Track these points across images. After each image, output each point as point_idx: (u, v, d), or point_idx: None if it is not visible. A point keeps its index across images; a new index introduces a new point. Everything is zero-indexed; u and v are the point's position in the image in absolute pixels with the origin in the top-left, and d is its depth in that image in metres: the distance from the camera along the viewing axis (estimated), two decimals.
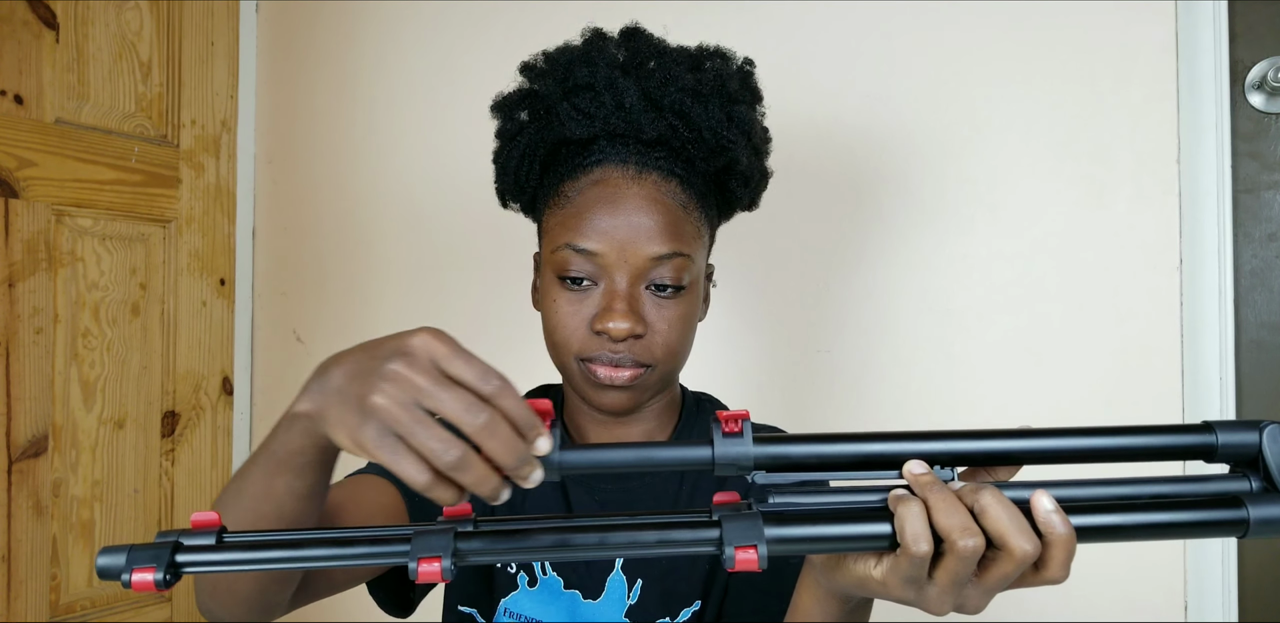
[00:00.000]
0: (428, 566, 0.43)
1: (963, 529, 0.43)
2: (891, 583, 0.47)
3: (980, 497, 0.45)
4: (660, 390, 0.77)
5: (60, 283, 1.26)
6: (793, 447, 0.47)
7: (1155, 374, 1.08)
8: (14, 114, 1.20)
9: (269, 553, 0.45)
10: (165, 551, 0.45)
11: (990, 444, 0.48)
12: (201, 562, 0.45)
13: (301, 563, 0.45)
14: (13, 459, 1.19)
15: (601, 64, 0.71)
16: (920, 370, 1.18)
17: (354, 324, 1.50)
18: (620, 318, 0.68)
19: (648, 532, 0.46)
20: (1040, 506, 0.45)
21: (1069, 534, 0.44)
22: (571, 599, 0.76)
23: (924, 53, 1.17)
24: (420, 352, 0.45)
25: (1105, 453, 0.48)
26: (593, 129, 0.71)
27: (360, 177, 1.49)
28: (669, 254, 0.69)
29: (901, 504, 0.45)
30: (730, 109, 0.72)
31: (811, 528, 0.46)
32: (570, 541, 0.46)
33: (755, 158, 0.77)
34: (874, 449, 0.48)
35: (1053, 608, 1.11)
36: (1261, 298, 1.09)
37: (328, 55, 1.52)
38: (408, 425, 0.43)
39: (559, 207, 0.73)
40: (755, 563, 0.44)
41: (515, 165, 0.76)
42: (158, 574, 0.43)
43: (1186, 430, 0.48)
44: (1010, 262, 1.14)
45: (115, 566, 0.44)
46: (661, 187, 0.71)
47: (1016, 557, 0.43)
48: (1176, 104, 1.08)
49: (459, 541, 0.45)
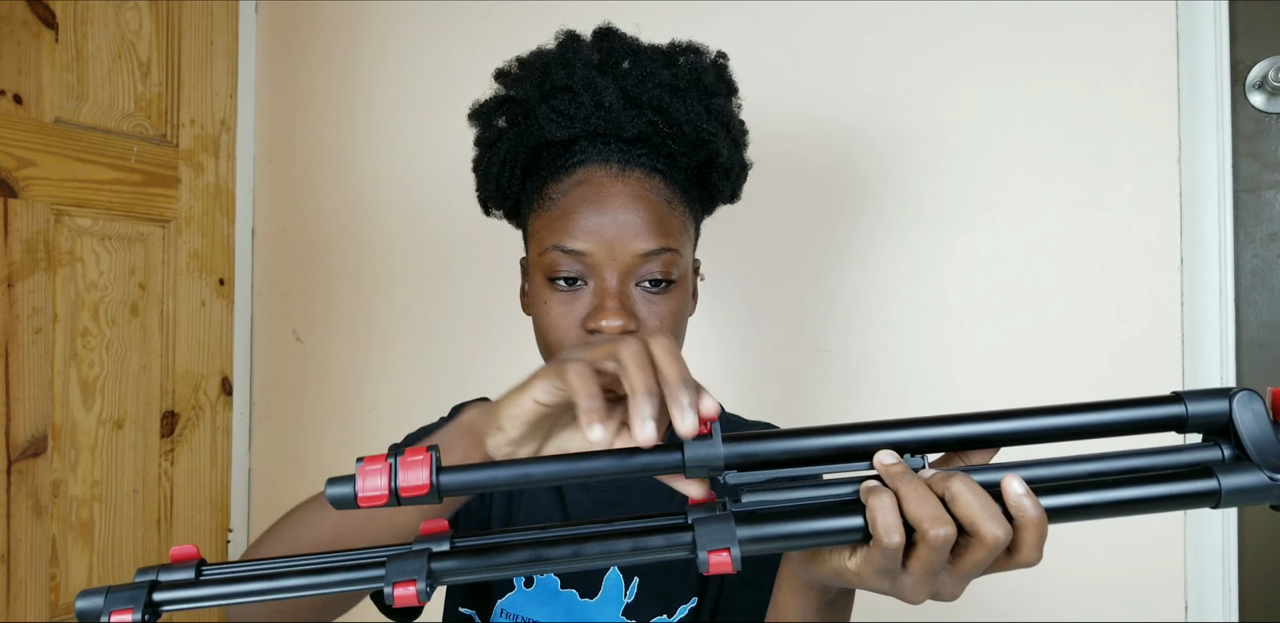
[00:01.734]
0: (403, 589, 0.43)
1: (934, 518, 0.43)
2: (866, 574, 0.47)
3: (950, 484, 0.45)
4: None
5: (59, 283, 1.26)
6: (762, 445, 0.47)
7: (1155, 374, 1.08)
8: (13, 114, 1.20)
9: (245, 586, 0.46)
10: (142, 592, 0.45)
11: (959, 429, 0.48)
12: (179, 599, 0.45)
13: (279, 594, 0.46)
14: (12, 459, 1.19)
15: (578, 65, 0.71)
16: (919, 370, 1.18)
17: (354, 324, 1.50)
18: (613, 316, 0.68)
19: (622, 540, 0.46)
20: (1010, 489, 0.45)
21: (1040, 517, 0.44)
22: (568, 599, 0.77)
23: (924, 52, 1.17)
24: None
25: (1075, 430, 0.48)
26: (573, 130, 0.71)
27: (360, 177, 1.49)
28: (657, 250, 0.70)
29: (873, 496, 0.45)
30: (708, 102, 0.73)
31: (784, 526, 0.46)
32: (544, 554, 0.46)
33: (735, 150, 0.77)
34: (844, 441, 0.47)
35: (1053, 608, 1.11)
36: (1262, 298, 1.09)
37: (328, 55, 1.52)
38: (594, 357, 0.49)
39: (544, 209, 0.73)
40: (729, 566, 0.44)
41: (497, 172, 0.77)
42: (135, 615, 0.44)
43: (1155, 402, 0.47)
44: (1010, 261, 1.14)
45: (94, 608, 0.44)
46: (645, 183, 0.72)
47: (988, 543, 0.44)
48: (1177, 104, 1.08)
49: (433, 561, 0.45)
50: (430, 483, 0.45)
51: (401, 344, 1.46)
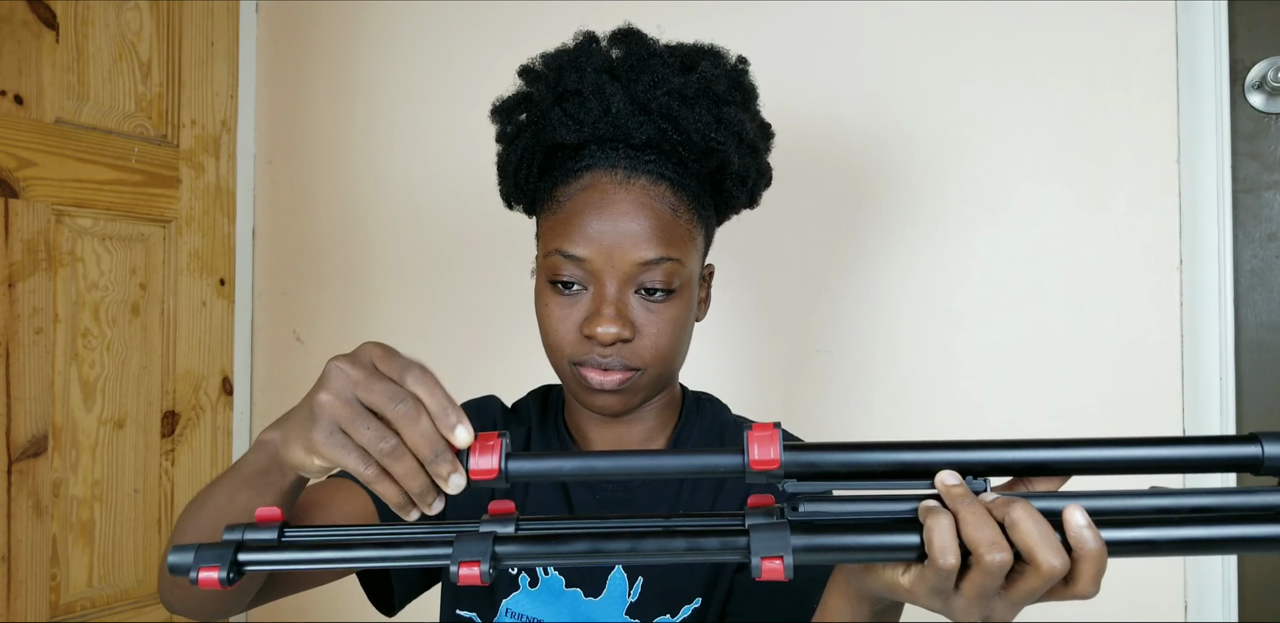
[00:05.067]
0: (467, 570, 0.46)
1: (990, 544, 0.43)
2: (918, 592, 0.47)
3: (1011, 510, 0.44)
4: (655, 393, 0.77)
5: (60, 283, 1.26)
6: (823, 455, 0.48)
7: (1155, 374, 1.08)
8: (14, 114, 1.20)
9: (323, 553, 0.48)
10: (229, 550, 0.48)
11: (1024, 454, 0.47)
12: (262, 561, 0.48)
13: (352, 564, 0.48)
14: (13, 459, 1.19)
15: (589, 69, 0.71)
16: (920, 370, 1.18)
17: (354, 324, 1.50)
18: (608, 323, 0.68)
19: (678, 539, 0.47)
20: (1072, 520, 0.44)
21: (1099, 550, 0.44)
22: (573, 598, 0.76)
23: (924, 53, 1.17)
24: (360, 353, 0.52)
25: (1145, 464, 0.47)
26: (582, 134, 0.71)
27: (360, 177, 1.49)
28: (657, 259, 0.69)
29: (931, 516, 0.45)
30: (719, 111, 0.71)
31: (839, 538, 0.46)
32: (603, 547, 0.47)
33: (752, 157, 0.76)
34: (906, 458, 0.47)
35: (1052, 608, 1.11)
36: (1261, 298, 1.09)
37: (328, 55, 1.52)
38: (349, 418, 0.48)
39: (551, 212, 0.74)
40: (781, 573, 0.45)
41: (514, 169, 0.77)
42: (221, 573, 0.47)
43: (1231, 441, 0.46)
44: (1010, 262, 1.14)
45: (184, 563, 0.48)
46: (650, 191, 0.71)
47: (1044, 572, 0.43)
48: (1176, 104, 1.08)
49: (497, 544, 0.47)
50: (499, 468, 0.48)
51: (401, 344, 1.45)
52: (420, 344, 1.45)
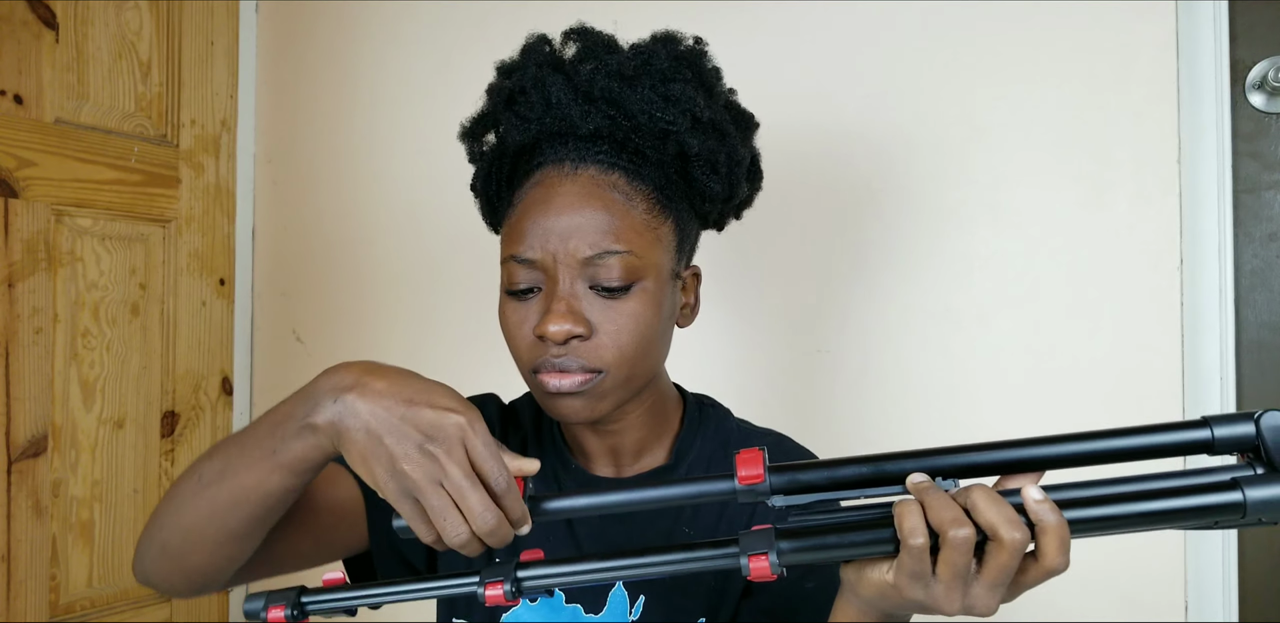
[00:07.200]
0: (493, 590, 0.55)
1: (953, 521, 0.47)
2: (901, 583, 0.50)
3: (970, 494, 0.48)
4: (627, 397, 0.71)
5: (60, 283, 1.26)
6: (805, 473, 0.53)
7: (1155, 374, 1.08)
8: (14, 114, 1.20)
9: (368, 591, 0.59)
10: (294, 592, 0.59)
11: (987, 456, 0.52)
12: (319, 601, 0.59)
13: (395, 597, 0.58)
14: (12, 459, 1.19)
15: (531, 65, 0.69)
16: (920, 370, 1.18)
17: (354, 324, 1.50)
18: (557, 319, 0.64)
19: (676, 551, 0.54)
20: (1029, 496, 0.48)
21: (1058, 522, 0.47)
22: (573, 614, 0.75)
23: (924, 53, 1.17)
24: (455, 440, 0.53)
25: (1105, 455, 0.51)
26: (529, 132, 0.69)
27: (360, 177, 1.49)
28: (605, 252, 0.65)
29: (900, 506, 0.49)
30: (665, 89, 0.67)
31: (821, 538, 0.51)
32: (610, 563, 0.55)
33: (718, 141, 0.70)
34: (880, 468, 0.52)
35: (1053, 608, 1.11)
36: (1262, 298, 1.09)
37: (328, 55, 1.52)
38: (433, 502, 0.53)
39: (509, 218, 0.71)
40: (768, 569, 0.50)
41: (483, 185, 0.76)
42: (287, 611, 0.58)
43: (1183, 427, 0.50)
44: (1010, 262, 1.14)
45: (255, 608, 0.59)
46: (599, 180, 0.67)
47: (1008, 545, 0.47)
48: (1177, 104, 1.08)
49: (518, 569, 0.56)
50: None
51: (401, 344, 1.46)
52: (420, 344, 1.45)
